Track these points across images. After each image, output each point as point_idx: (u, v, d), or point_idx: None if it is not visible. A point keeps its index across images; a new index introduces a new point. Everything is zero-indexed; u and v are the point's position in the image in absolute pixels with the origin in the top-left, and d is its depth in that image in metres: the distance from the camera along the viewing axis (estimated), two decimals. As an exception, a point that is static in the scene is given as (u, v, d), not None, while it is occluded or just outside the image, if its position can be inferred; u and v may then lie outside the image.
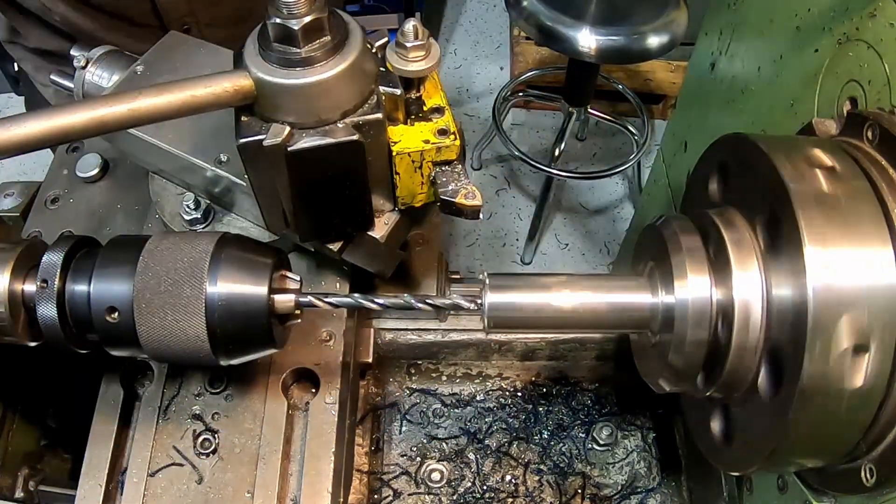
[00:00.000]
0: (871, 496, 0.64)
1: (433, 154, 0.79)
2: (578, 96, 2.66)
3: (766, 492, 0.85)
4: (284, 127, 0.72)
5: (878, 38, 0.69)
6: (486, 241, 2.98)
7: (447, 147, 0.79)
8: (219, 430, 0.89)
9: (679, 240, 0.72)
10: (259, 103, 0.73)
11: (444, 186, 0.79)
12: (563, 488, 1.08)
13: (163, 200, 1.00)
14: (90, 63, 0.99)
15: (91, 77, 0.99)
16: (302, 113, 0.72)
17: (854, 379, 0.58)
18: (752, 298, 0.66)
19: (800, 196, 0.60)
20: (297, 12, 0.68)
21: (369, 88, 0.76)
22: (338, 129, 0.73)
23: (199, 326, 0.72)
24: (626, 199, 3.11)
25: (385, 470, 1.09)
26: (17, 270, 0.76)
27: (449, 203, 0.79)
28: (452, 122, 0.80)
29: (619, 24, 2.22)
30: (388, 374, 1.16)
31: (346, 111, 0.74)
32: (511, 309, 0.74)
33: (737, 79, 1.06)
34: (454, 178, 0.80)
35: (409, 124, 0.80)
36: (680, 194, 0.91)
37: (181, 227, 0.97)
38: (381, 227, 0.86)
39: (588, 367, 1.17)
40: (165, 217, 0.99)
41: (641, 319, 0.75)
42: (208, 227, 0.98)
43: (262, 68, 0.71)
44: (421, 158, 0.79)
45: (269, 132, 0.72)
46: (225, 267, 0.73)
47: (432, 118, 0.81)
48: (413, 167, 0.80)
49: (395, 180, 0.82)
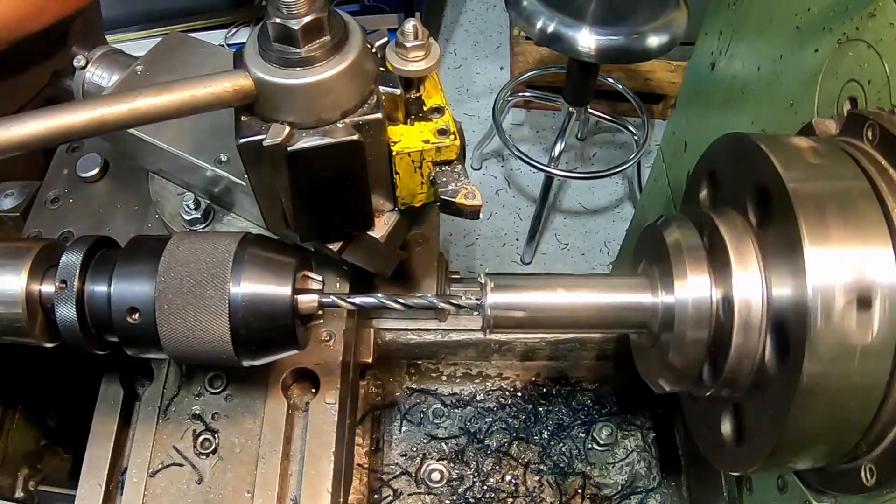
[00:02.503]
0: (871, 496, 0.64)
1: (433, 154, 0.79)
2: (578, 96, 2.66)
3: (766, 492, 0.85)
4: (284, 127, 0.72)
5: (878, 38, 0.69)
6: (486, 241, 2.98)
7: (447, 147, 0.79)
8: (219, 429, 0.89)
9: (679, 240, 0.72)
10: (259, 103, 0.73)
11: (443, 186, 0.79)
12: (563, 488, 1.08)
13: (163, 200, 1.00)
14: (90, 63, 0.99)
15: (91, 77, 0.99)
16: (302, 113, 0.72)
17: (830, 434, 0.58)
18: (752, 298, 0.66)
19: (799, 196, 0.60)
20: (296, 12, 0.68)
21: (369, 88, 0.76)
22: (338, 128, 0.73)
23: (223, 327, 0.72)
24: (626, 199, 3.11)
25: (385, 470, 1.09)
26: (34, 271, 0.75)
27: (449, 203, 0.79)
28: (452, 122, 0.80)
29: (619, 24, 2.22)
30: (388, 374, 1.16)
31: (346, 111, 0.74)
32: (511, 309, 0.74)
33: (737, 79, 1.06)
34: (454, 177, 0.80)
35: (409, 124, 0.80)
36: (680, 194, 0.91)
37: (181, 227, 0.97)
38: (381, 227, 0.86)
39: (588, 367, 1.17)
40: (165, 217, 0.99)
41: (641, 319, 0.75)
42: (208, 228, 0.98)
43: (262, 68, 0.71)
44: (421, 158, 0.79)
45: (269, 132, 0.72)
46: (248, 267, 0.73)
47: (432, 118, 0.80)
48: (413, 167, 0.80)
49: (395, 180, 0.82)
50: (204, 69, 0.98)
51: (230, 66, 0.75)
